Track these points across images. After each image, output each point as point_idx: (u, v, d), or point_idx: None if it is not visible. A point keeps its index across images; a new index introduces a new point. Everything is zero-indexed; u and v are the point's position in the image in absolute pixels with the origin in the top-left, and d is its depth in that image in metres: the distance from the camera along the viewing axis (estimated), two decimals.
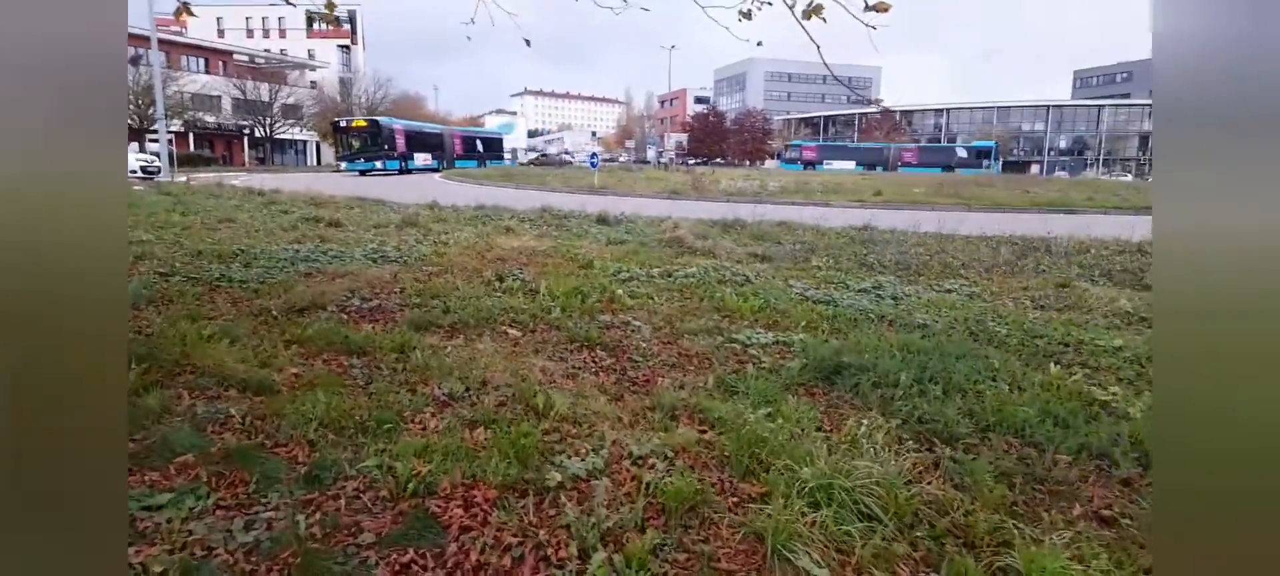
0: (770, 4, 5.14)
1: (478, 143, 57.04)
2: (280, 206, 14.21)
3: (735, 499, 2.90)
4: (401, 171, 41.01)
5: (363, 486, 2.85)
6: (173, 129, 38.46)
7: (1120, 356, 4.98)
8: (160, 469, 2.89)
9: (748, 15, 5.39)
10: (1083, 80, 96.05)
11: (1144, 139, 77.32)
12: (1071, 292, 7.37)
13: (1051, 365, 4.73)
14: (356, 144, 40.90)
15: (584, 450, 3.25)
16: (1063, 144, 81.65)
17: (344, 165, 40.98)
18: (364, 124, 42.04)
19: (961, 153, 64.20)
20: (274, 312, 5.37)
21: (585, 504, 2.77)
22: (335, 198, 17.15)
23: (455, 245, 9.24)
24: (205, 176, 27.49)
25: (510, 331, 5.31)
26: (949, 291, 7.31)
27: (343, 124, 42.62)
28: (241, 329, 4.83)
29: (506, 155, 65.11)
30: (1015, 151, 79.13)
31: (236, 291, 6.15)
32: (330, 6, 5.86)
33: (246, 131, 56.00)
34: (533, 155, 74.67)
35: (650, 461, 3.19)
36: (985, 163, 61.87)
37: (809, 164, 57.75)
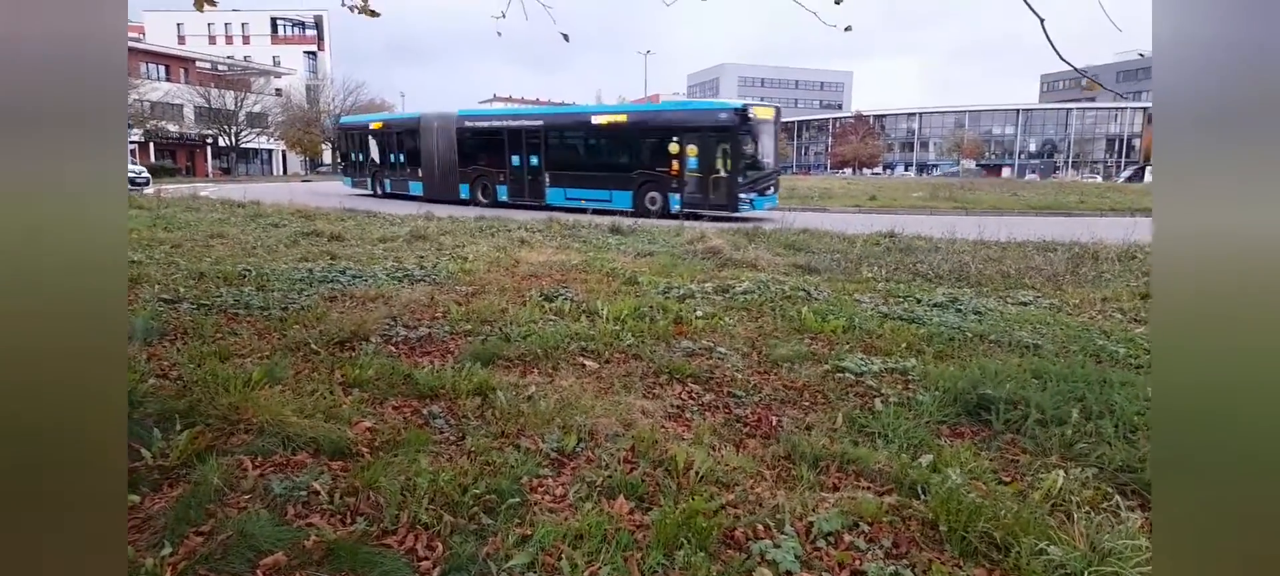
0: None
1: None
2: (269, 219, 13.30)
3: None
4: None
5: None
6: (134, 139, 36.15)
7: None
8: None
9: None
10: (1049, 84, 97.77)
11: (1110, 141, 78.95)
12: None
13: None
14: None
15: (761, 528, 2.64)
16: (1032, 147, 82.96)
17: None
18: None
19: None
20: (313, 346, 4.65)
21: None
22: (323, 209, 16.25)
23: (478, 261, 8.52)
24: (176, 188, 26.15)
25: (586, 363, 4.68)
26: (1025, 304, 6.84)
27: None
28: (284, 369, 4.11)
29: None
30: (987, 155, 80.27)
31: (259, 320, 5.39)
32: None
33: (210, 140, 53.83)
34: None
35: (846, 540, 2.59)
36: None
37: None
